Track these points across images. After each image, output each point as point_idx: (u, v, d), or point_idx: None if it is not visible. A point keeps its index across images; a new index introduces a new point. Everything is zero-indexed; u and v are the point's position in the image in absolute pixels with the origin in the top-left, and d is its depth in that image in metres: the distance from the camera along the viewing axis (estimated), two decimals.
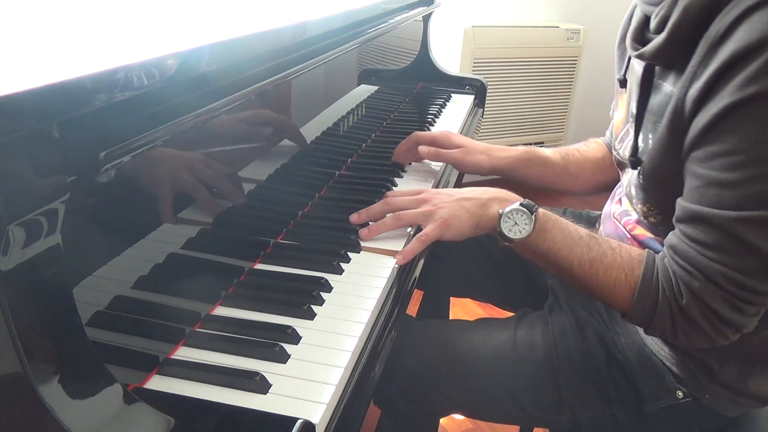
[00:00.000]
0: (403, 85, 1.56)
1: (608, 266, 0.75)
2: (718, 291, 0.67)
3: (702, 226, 0.67)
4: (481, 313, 1.95)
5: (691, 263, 0.68)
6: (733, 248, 0.65)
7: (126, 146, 0.50)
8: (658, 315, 0.72)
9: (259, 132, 0.82)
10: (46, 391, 0.43)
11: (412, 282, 0.84)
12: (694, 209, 0.67)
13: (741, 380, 0.80)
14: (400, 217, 0.85)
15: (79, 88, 0.44)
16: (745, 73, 0.60)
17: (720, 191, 0.64)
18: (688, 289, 0.69)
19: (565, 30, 2.65)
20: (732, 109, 0.62)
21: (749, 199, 0.63)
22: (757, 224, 0.63)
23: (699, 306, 0.68)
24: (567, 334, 0.89)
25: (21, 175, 0.42)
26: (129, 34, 0.57)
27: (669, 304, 0.71)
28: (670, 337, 0.73)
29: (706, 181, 0.65)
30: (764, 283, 0.66)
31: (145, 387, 0.57)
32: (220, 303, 0.70)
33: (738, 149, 0.62)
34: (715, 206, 0.65)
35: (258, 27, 0.71)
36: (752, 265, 0.65)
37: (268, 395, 0.57)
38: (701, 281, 0.67)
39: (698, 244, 0.67)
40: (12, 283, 0.41)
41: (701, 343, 0.72)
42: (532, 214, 0.78)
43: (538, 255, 0.80)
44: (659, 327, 0.73)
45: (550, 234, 0.78)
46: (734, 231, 0.64)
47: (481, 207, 0.82)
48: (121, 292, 0.56)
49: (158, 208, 0.61)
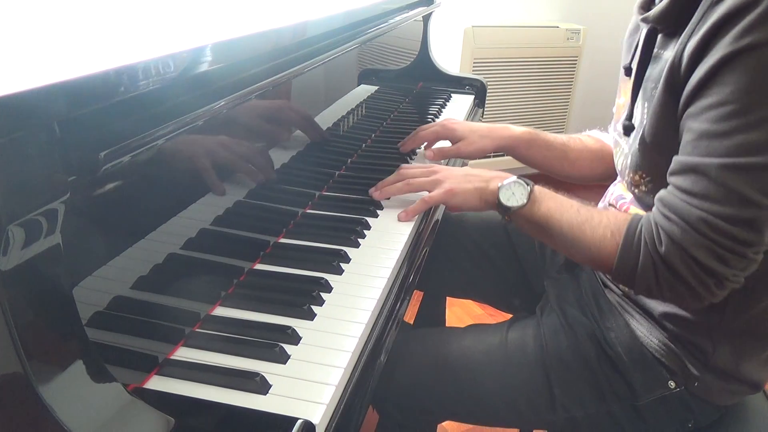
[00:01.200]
0: (403, 85, 1.56)
1: (595, 226, 0.77)
2: (698, 237, 0.67)
3: (691, 176, 0.68)
4: (481, 313, 1.95)
5: (675, 211, 0.69)
6: (717, 195, 0.65)
7: (126, 146, 0.50)
8: (641, 269, 0.72)
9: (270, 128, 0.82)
10: (46, 391, 0.43)
11: (411, 283, 0.84)
12: (685, 160, 0.69)
13: (734, 363, 0.80)
14: (409, 183, 0.94)
15: (79, 88, 0.44)
16: (740, 26, 0.62)
17: (710, 142, 0.65)
18: (668, 237, 0.69)
19: (565, 30, 2.65)
20: (726, 61, 0.63)
21: (737, 148, 0.64)
22: (743, 171, 0.64)
23: (679, 253, 0.68)
24: (557, 334, 0.90)
25: (21, 175, 0.42)
26: (129, 34, 0.57)
27: (650, 254, 0.71)
28: (655, 293, 0.73)
29: (699, 134, 0.67)
30: (745, 231, 0.66)
31: (145, 387, 0.57)
32: (219, 303, 0.70)
33: (729, 100, 0.64)
34: (705, 155, 0.66)
35: (258, 27, 0.71)
36: (734, 213, 0.65)
37: (268, 396, 0.57)
38: (682, 228, 0.68)
39: (685, 193, 0.68)
40: (12, 283, 0.41)
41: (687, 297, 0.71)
42: (527, 185, 0.84)
43: (533, 224, 0.84)
44: (644, 282, 0.73)
45: (545, 203, 0.83)
46: (720, 178, 0.65)
47: (485, 182, 0.89)
48: (121, 293, 0.56)
49: (158, 208, 0.61)
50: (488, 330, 0.95)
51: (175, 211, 0.64)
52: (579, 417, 0.87)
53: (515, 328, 0.94)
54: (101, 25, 0.57)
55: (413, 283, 0.85)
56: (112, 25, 0.58)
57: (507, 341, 0.91)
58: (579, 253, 0.80)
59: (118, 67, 0.47)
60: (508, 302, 1.16)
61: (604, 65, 2.85)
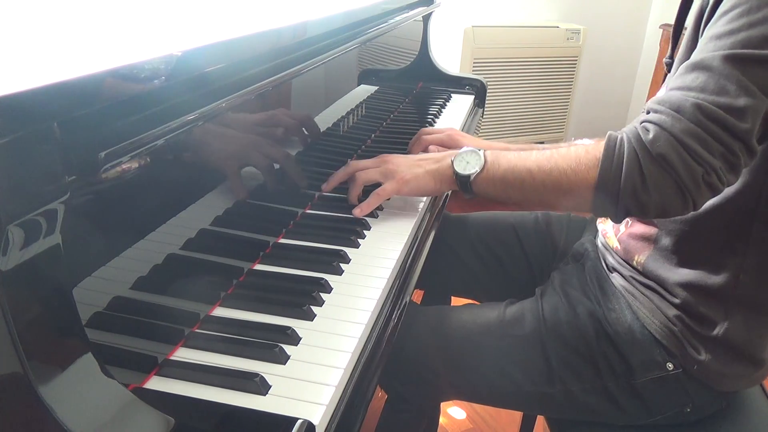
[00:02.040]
0: (403, 85, 1.56)
1: (564, 154, 0.77)
2: (689, 124, 0.67)
3: (693, 73, 0.69)
4: None
5: (668, 103, 0.69)
6: (715, 85, 0.67)
7: (126, 146, 0.50)
8: (625, 168, 0.70)
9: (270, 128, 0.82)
10: (46, 391, 0.43)
11: (412, 282, 0.84)
12: (689, 61, 0.70)
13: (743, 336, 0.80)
14: (360, 174, 0.92)
15: (79, 88, 0.44)
16: None
17: (716, 41, 0.68)
18: (657, 125, 0.69)
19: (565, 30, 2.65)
20: None
21: (741, 41, 0.66)
22: (744, 62, 0.66)
23: (668, 139, 0.68)
24: (557, 310, 0.91)
25: (21, 175, 0.42)
26: (129, 33, 0.57)
27: (635, 149, 0.70)
28: (641, 194, 0.70)
29: (708, 38, 0.69)
30: (737, 120, 0.66)
31: (145, 387, 0.57)
32: (219, 304, 0.70)
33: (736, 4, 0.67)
34: (710, 52, 0.68)
35: (258, 27, 0.71)
36: (729, 101, 0.66)
37: (268, 396, 0.57)
38: (673, 115, 0.68)
39: (682, 88, 0.69)
40: (12, 283, 0.41)
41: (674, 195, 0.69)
42: (479, 150, 0.84)
43: (497, 182, 0.83)
44: (629, 185, 0.70)
45: (504, 158, 0.82)
46: (720, 68, 0.67)
47: (436, 162, 0.89)
48: (121, 293, 0.56)
49: (158, 209, 0.61)
50: (487, 306, 0.97)
51: (174, 211, 0.64)
52: (576, 390, 0.88)
53: (514, 305, 0.95)
54: (101, 25, 0.57)
55: (413, 284, 0.85)
56: (112, 25, 0.58)
57: (504, 315, 0.93)
58: (555, 188, 0.77)
59: (118, 67, 0.47)
60: None
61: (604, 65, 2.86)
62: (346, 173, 0.95)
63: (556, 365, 0.87)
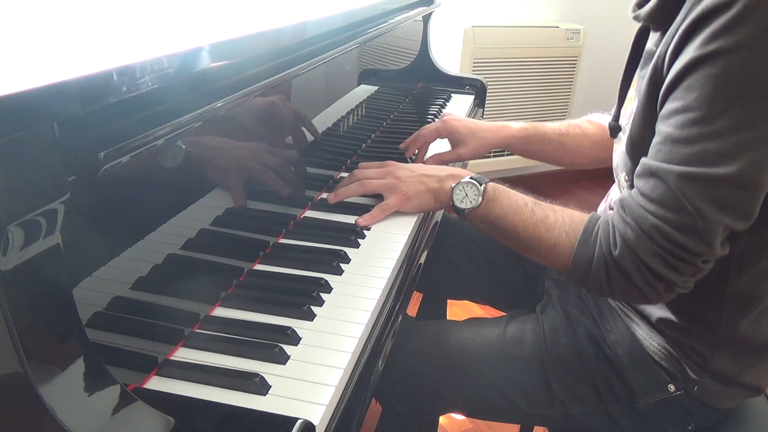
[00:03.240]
0: (403, 85, 1.56)
1: (550, 227, 0.77)
2: (651, 244, 0.67)
3: (651, 181, 0.67)
4: (481, 314, 1.95)
5: (631, 215, 0.69)
6: (673, 203, 0.65)
7: (126, 146, 0.50)
8: (594, 269, 0.72)
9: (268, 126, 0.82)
10: (46, 391, 0.43)
11: (411, 283, 0.84)
12: (648, 163, 0.68)
13: (734, 370, 0.80)
14: (364, 184, 0.93)
15: (79, 88, 0.44)
16: (710, 29, 0.60)
17: (672, 147, 0.65)
18: (623, 241, 0.69)
19: (565, 30, 2.65)
20: (692, 66, 0.62)
21: (695, 156, 0.63)
22: (699, 182, 0.63)
23: (632, 257, 0.68)
24: (557, 331, 0.90)
25: (21, 175, 0.42)
26: (129, 34, 0.57)
27: (604, 257, 0.71)
28: (606, 291, 0.73)
29: (663, 137, 0.66)
30: (696, 242, 0.65)
31: (145, 387, 0.57)
32: (219, 304, 0.70)
33: (693, 106, 0.62)
34: (666, 161, 0.65)
35: (258, 27, 0.71)
36: (686, 223, 0.65)
37: (268, 396, 0.57)
38: (636, 232, 0.68)
39: (644, 197, 0.68)
40: (12, 283, 0.41)
41: (636, 299, 0.72)
42: (480, 185, 0.84)
43: (488, 224, 0.84)
44: (596, 282, 0.73)
45: (498, 203, 0.82)
46: (677, 186, 0.64)
47: (438, 182, 0.89)
48: (121, 293, 0.56)
49: (158, 209, 0.61)
50: (487, 323, 0.96)
51: (174, 212, 0.64)
52: (576, 414, 0.87)
53: (514, 322, 0.94)
54: (101, 25, 0.57)
55: (413, 284, 0.85)
56: (112, 25, 0.58)
57: (505, 334, 0.92)
58: (535, 253, 0.80)
59: (118, 67, 0.47)
60: (508, 304, 1.16)
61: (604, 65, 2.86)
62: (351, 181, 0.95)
63: (557, 388, 0.87)
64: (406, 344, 0.92)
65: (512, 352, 0.90)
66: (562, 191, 2.91)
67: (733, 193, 0.63)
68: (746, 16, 0.58)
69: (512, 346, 0.90)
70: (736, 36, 0.58)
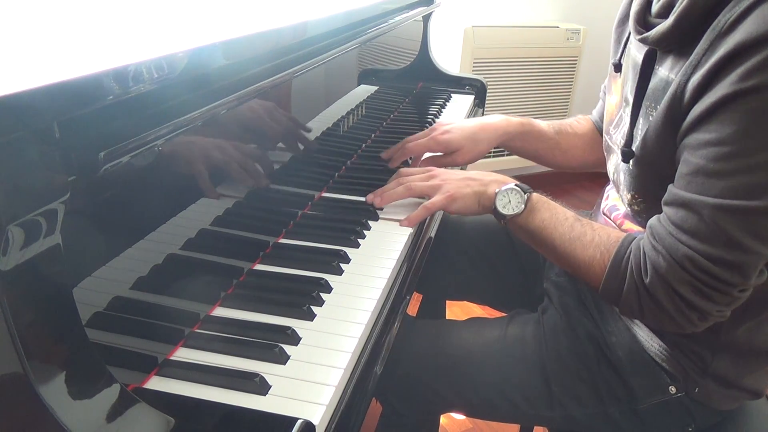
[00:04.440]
0: (403, 85, 1.56)
1: (586, 245, 0.77)
2: (683, 273, 0.67)
3: (683, 211, 0.67)
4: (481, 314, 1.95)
5: (663, 244, 0.68)
6: (706, 234, 0.65)
7: (126, 146, 0.50)
8: (625, 293, 0.73)
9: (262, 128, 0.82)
10: (46, 391, 0.43)
11: (411, 283, 0.84)
12: (680, 194, 0.67)
13: (734, 373, 0.80)
14: (410, 187, 0.93)
15: (79, 88, 0.44)
16: (746, 65, 0.60)
17: (706, 180, 0.64)
18: (654, 269, 0.69)
19: (565, 30, 2.65)
20: (728, 100, 0.61)
21: (732, 189, 0.63)
22: (736, 214, 0.63)
23: (663, 286, 0.68)
24: (558, 333, 0.90)
25: (21, 175, 0.42)
26: (129, 34, 0.57)
27: (635, 283, 0.71)
28: (638, 316, 0.74)
29: (695, 169, 0.66)
30: (730, 274, 0.65)
31: (145, 387, 0.57)
32: (219, 304, 0.70)
33: (729, 140, 0.62)
34: (699, 193, 0.65)
35: (258, 27, 0.71)
36: (722, 255, 0.64)
37: (268, 396, 0.57)
38: (668, 262, 0.67)
39: (675, 227, 0.68)
40: (12, 283, 0.41)
41: (669, 326, 0.72)
42: (525, 193, 0.84)
43: (527, 233, 0.84)
44: (628, 306, 0.73)
45: (539, 214, 0.83)
46: (712, 218, 0.64)
47: (483, 186, 0.89)
48: (121, 293, 0.56)
49: (158, 209, 0.61)
50: (488, 323, 0.96)
51: (174, 212, 0.64)
52: (577, 416, 0.87)
53: (515, 323, 0.94)
54: (101, 25, 0.57)
55: (413, 284, 0.85)
56: (112, 25, 0.58)
57: (506, 335, 0.92)
58: (569, 267, 0.80)
59: (117, 67, 0.47)
60: (507, 304, 1.16)
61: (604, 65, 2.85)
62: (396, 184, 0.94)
63: (557, 390, 0.87)
64: (406, 344, 0.92)
65: (513, 353, 0.90)
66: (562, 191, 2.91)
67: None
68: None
69: (513, 347, 0.90)
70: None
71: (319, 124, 1.01)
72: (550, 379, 0.87)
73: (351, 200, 0.97)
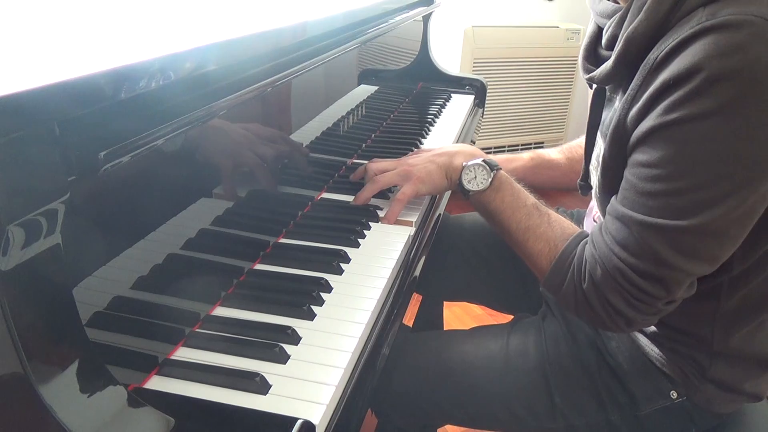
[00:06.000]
0: (403, 85, 1.56)
1: (538, 237, 0.79)
2: (614, 284, 0.70)
3: (618, 223, 0.70)
4: (481, 313, 1.95)
5: (600, 253, 0.72)
6: (635, 249, 0.68)
7: (126, 146, 0.50)
8: (564, 291, 0.76)
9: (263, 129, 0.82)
10: (46, 391, 0.43)
11: (411, 283, 0.84)
12: (616, 207, 0.71)
13: (733, 378, 0.80)
14: (376, 180, 0.93)
15: (79, 88, 0.44)
16: (670, 99, 0.64)
17: (637, 197, 0.68)
18: (591, 276, 0.72)
19: (565, 30, 2.65)
20: (656, 129, 0.65)
21: (658, 209, 0.66)
22: (660, 232, 0.66)
23: (597, 293, 0.72)
24: (558, 341, 0.89)
25: (21, 175, 0.42)
26: (129, 34, 0.57)
27: (574, 284, 0.75)
28: (573, 313, 0.77)
29: (629, 186, 0.69)
30: (656, 288, 0.68)
31: (145, 387, 0.57)
32: (219, 303, 0.70)
33: (656, 164, 0.66)
34: (630, 209, 0.68)
35: (258, 27, 0.71)
36: (648, 269, 0.68)
37: (268, 396, 0.57)
38: (603, 271, 0.71)
39: (611, 237, 0.71)
40: (12, 283, 0.41)
41: (599, 326, 0.76)
42: (492, 170, 0.84)
43: (487, 212, 0.85)
44: (564, 302, 0.77)
45: (501, 194, 0.83)
46: (640, 233, 0.67)
47: (449, 158, 0.90)
48: (121, 293, 0.56)
49: (158, 209, 0.61)
50: (489, 334, 0.95)
51: (175, 211, 0.64)
52: (579, 425, 0.87)
53: (517, 332, 0.93)
54: (101, 25, 0.57)
55: (413, 284, 0.85)
56: (112, 25, 0.58)
57: (508, 347, 0.91)
58: (520, 254, 0.83)
59: (118, 67, 0.47)
60: (506, 305, 1.16)
61: None
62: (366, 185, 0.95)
63: (560, 401, 0.86)
64: (406, 357, 0.91)
65: (515, 365, 0.89)
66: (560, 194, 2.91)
67: (697, 240, 0.66)
68: (706, 89, 0.61)
69: (515, 359, 0.90)
70: (697, 106, 0.62)
71: (319, 124, 1.01)
72: (552, 389, 0.87)
73: (351, 200, 0.97)
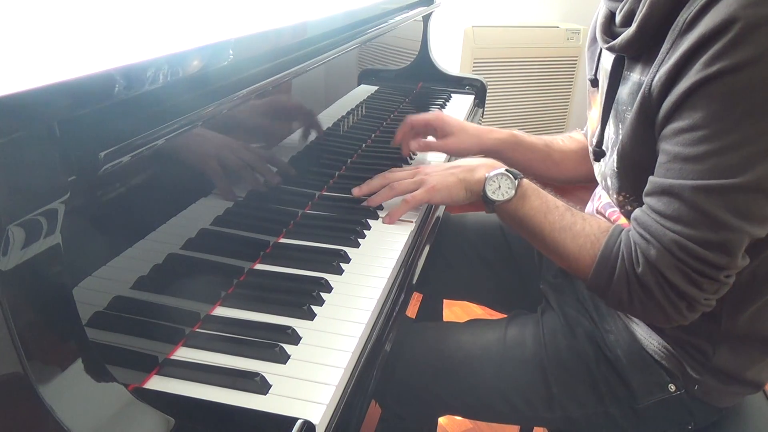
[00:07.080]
0: (403, 85, 1.56)
1: (576, 234, 0.77)
2: (672, 260, 0.67)
3: (665, 198, 0.68)
4: (480, 313, 1.95)
5: (650, 232, 0.69)
6: (690, 218, 0.66)
7: (126, 146, 0.50)
8: (615, 283, 0.73)
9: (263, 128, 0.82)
10: (46, 391, 0.43)
11: (411, 283, 0.84)
12: (659, 182, 0.69)
13: (735, 365, 0.80)
14: (393, 187, 0.92)
15: (79, 88, 0.44)
16: (709, 54, 0.63)
17: (683, 165, 0.66)
18: (645, 258, 0.70)
19: (565, 30, 2.65)
20: (696, 87, 0.64)
21: (708, 171, 0.64)
22: (716, 193, 0.64)
23: (654, 275, 0.69)
24: (556, 334, 0.90)
25: (21, 175, 0.42)
26: (129, 34, 0.57)
27: (626, 272, 0.72)
28: (626, 307, 0.74)
29: (672, 156, 0.67)
30: (717, 255, 0.66)
31: (145, 387, 0.57)
32: (219, 303, 0.70)
33: (701, 125, 0.64)
34: (678, 178, 0.67)
35: (258, 27, 0.71)
36: (707, 236, 0.66)
37: (268, 396, 0.57)
38: (658, 249, 0.68)
39: (659, 214, 0.69)
40: (12, 283, 0.41)
41: (657, 316, 0.73)
42: (515, 179, 0.83)
43: (516, 220, 0.84)
44: (616, 296, 0.73)
45: (528, 201, 0.82)
46: (692, 200, 0.65)
47: (469, 172, 0.88)
48: (121, 293, 0.56)
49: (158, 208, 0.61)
50: (487, 326, 0.95)
51: (175, 211, 0.64)
52: (577, 416, 0.87)
53: (514, 325, 0.94)
54: (101, 25, 0.57)
55: (413, 283, 0.85)
56: (112, 25, 0.58)
57: (506, 337, 0.92)
58: (557, 257, 0.80)
59: (118, 67, 0.47)
60: (505, 304, 1.16)
61: None
62: (380, 184, 0.95)
63: (557, 392, 0.86)
64: (405, 347, 0.92)
65: (512, 356, 0.90)
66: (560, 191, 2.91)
67: (750, 199, 0.64)
68: (745, 38, 0.60)
69: (512, 349, 0.90)
70: (737, 56, 0.61)
71: (320, 124, 1.01)
72: (550, 380, 0.87)
73: (351, 200, 0.97)
